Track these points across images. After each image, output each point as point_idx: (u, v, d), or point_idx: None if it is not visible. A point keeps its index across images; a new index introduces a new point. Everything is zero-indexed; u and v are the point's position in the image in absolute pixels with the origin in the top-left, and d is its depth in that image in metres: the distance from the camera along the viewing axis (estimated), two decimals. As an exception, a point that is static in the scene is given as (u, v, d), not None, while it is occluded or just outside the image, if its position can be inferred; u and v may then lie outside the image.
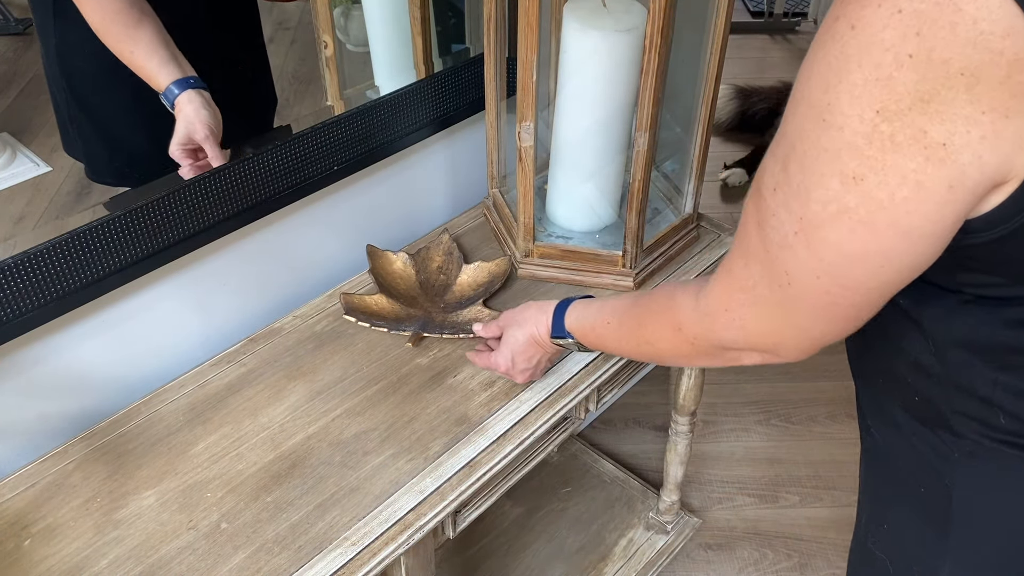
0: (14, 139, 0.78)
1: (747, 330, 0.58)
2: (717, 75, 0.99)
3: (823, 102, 0.46)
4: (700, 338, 0.63)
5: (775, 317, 0.56)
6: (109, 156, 0.84)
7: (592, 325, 0.79)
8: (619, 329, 0.74)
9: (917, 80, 0.42)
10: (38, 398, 0.88)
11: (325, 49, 1.00)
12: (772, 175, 0.51)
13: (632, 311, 0.72)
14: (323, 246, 1.09)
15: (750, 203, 0.55)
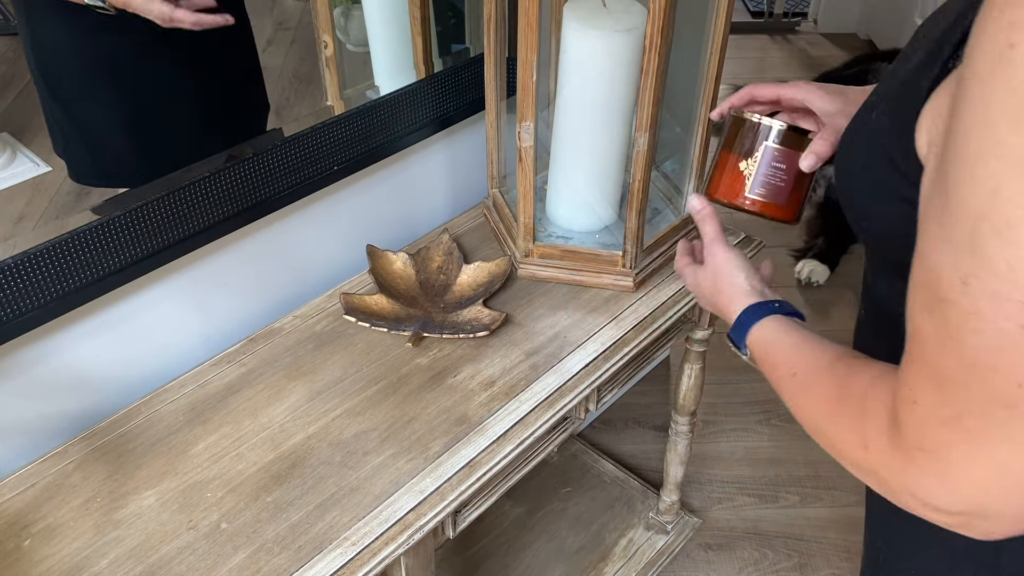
0: (14, 139, 0.78)
1: (950, 479, 0.43)
2: (717, 75, 0.99)
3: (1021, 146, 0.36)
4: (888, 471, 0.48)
5: (996, 451, 0.41)
6: (91, 158, 0.83)
7: (774, 362, 0.65)
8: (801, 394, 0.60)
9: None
10: (38, 398, 0.88)
11: (325, 49, 1.00)
12: (954, 267, 0.40)
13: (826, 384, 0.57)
14: (323, 246, 1.09)
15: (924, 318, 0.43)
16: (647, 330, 0.99)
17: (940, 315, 0.41)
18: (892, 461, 0.47)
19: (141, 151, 0.86)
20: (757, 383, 1.90)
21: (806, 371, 0.60)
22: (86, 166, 0.83)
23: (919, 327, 0.44)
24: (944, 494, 0.44)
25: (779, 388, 0.64)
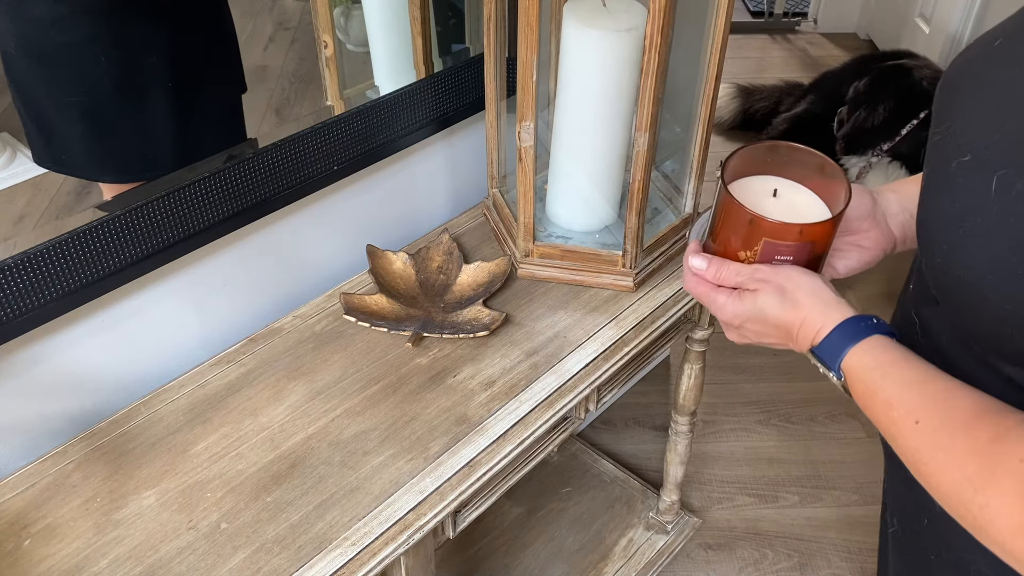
0: (14, 139, 0.78)
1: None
2: (717, 75, 0.99)
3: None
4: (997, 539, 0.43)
5: None
6: (45, 141, 0.82)
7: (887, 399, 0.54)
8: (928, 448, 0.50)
9: None
10: (38, 398, 0.88)
11: (325, 49, 1.00)
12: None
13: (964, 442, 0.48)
14: (323, 246, 1.09)
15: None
16: (647, 330, 0.99)
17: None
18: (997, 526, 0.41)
19: (87, 137, 0.84)
20: (757, 383, 1.90)
21: (935, 420, 0.50)
22: (41, 147, 0.80)
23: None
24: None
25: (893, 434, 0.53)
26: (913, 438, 0.50)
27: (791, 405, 1.84)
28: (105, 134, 0.83)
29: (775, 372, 1.92)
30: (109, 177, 0.85)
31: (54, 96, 0.80)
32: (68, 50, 0.79)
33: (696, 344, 1.24)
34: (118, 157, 0.86)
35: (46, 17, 0.78)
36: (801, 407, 1.83)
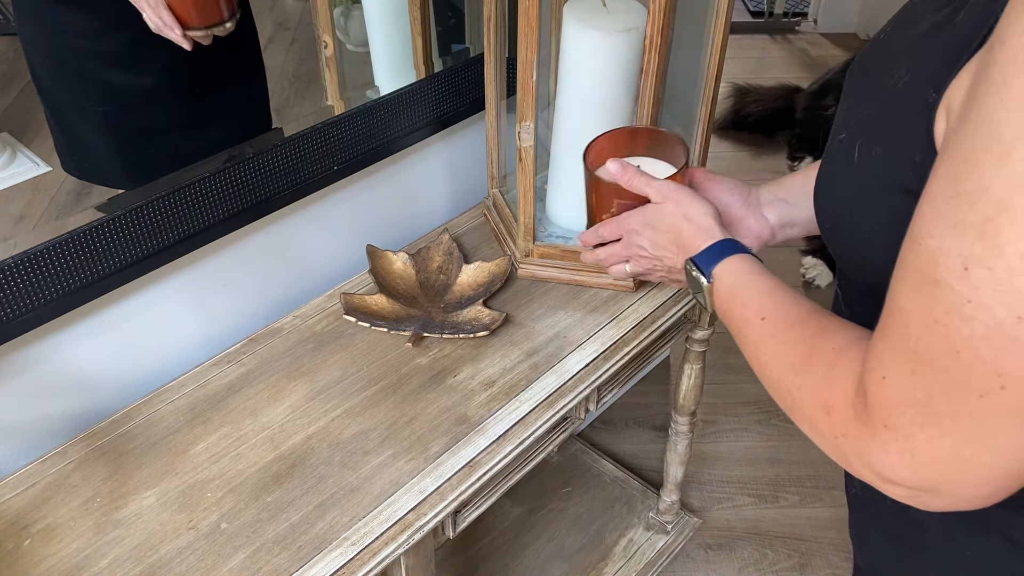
0: (14, 139, 0.78)
1: (913, 458, 0.44)
2: (717, 75, 0.99)
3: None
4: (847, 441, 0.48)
5: (961, 438, 0.42)
6: (69, 149, 0.83)
7: (745, 299, 0.63)
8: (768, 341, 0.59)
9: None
10: (38, 398, 0.88)
11: (325, 49, 1.00)
12: (957, 252, 0.39)
13: (795, 336, 0.57)
14: (323, 246, 1.09)
15: (909, 297, 0.42)
16: (647, 330, 0.99)
17: (930, 298, 0.41)
18: (853, 431, 0.47)
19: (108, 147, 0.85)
20: (757, 383, 1.90)
21: (777, 317, 0.59)
22: (65, 155, 0.82)
23: (902, 307, 0.43)
24: (904, 471, 0.44)
25: (743, 330, 0.62)
26: (757, 332, 0.60)
27: (791, 405, 1.84)
28: (129, 144, 0.83)
29: (775, 372, 1.92)
30: (131, 185, 0.86)
31: (81, 105, 0.81)
32: (97, 60, 0.80)
33: (696, 344, 1.24)
34: (142, 166, 0.87)
35: (78, 28, 0.78)
36: (801, 407, 1.83)
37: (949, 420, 0.41)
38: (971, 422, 0.41)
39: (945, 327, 0.40)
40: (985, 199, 0.38)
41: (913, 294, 0.42)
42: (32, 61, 0.78)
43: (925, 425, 0.42)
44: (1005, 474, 0.42)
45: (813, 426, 0.52)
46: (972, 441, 0.41)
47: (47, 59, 0.79)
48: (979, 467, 0.42)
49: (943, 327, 0.40)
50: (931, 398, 0.42)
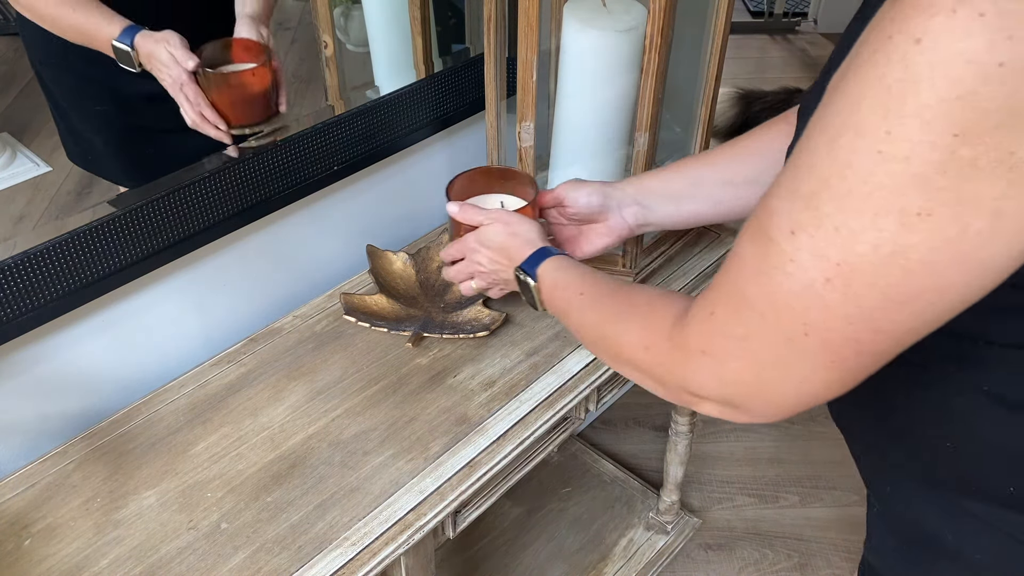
0: (14, 139, 0.78)
1: (724, 379, 0.52)
2: (717, 75, 0.99)
3: (879, 130, 0.40)
4: (665, 368, 0.57)
5: (766, 370, 0.49)
6: (73, 142, 0.84)
7: (565, 284, 0.73)
8: (588, 311, 0.68)
9: (1009, 93, 0.36)
10: (38, 398, 0.88)
11: (325, 49, 1.00)
12: (788, 215, 0.45)
13: (611, 300, 0.66)
14: (323, 246, 1.09)
15: (746, 247, 0.49)
16: (647, 330, 0.99)
17: (762, 249, 0.47)
18: (671, 359, 0.56)
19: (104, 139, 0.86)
20: (757, 383, 1.90)
21: (594, 291, 0.68)
22: (71, 146, 0.83)
23: (742, 253, 0.49)
24: (713, 389, 0.52)
25: (568, 310, 0.72)
26: (579, 306, 0.70)
27: (791, 405, 1.84)
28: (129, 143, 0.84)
29: (775, 372, 1.91)
30: (132, 183, 0.87)
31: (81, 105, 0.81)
32: (98, 63, 0.80)
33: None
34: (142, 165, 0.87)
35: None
36: (801, 407, 1.83)
37: (758, 355, 0.49)
38: (775, 358, 0.48)
39: (769, 278, 0.46)
40: (813, 175, 0.43)
41: (750, 244, 0.48)
42: (33, 59, 0.78)
43: (738, 356, 0.50)
44: (795, 400, 0.50)
45: (635, 365, 0.61)
46: (773, 372, 0.49)
47: (48, 59, 0.79)
48: (775, 393, 0.50)
49: (767, 278, 0.47)
50: (748, 336, 0.49)
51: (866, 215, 0.41)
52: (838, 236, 0.42)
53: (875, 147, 0.40)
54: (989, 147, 0.38)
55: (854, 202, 0.42)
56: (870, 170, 0.40)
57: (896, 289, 0.42)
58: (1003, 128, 0.37)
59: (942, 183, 0.39)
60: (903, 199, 0.40)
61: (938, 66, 0.37)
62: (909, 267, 0.41)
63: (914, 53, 0.38)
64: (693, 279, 1.06)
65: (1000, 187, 0.38)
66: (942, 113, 0.38)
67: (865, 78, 0.40)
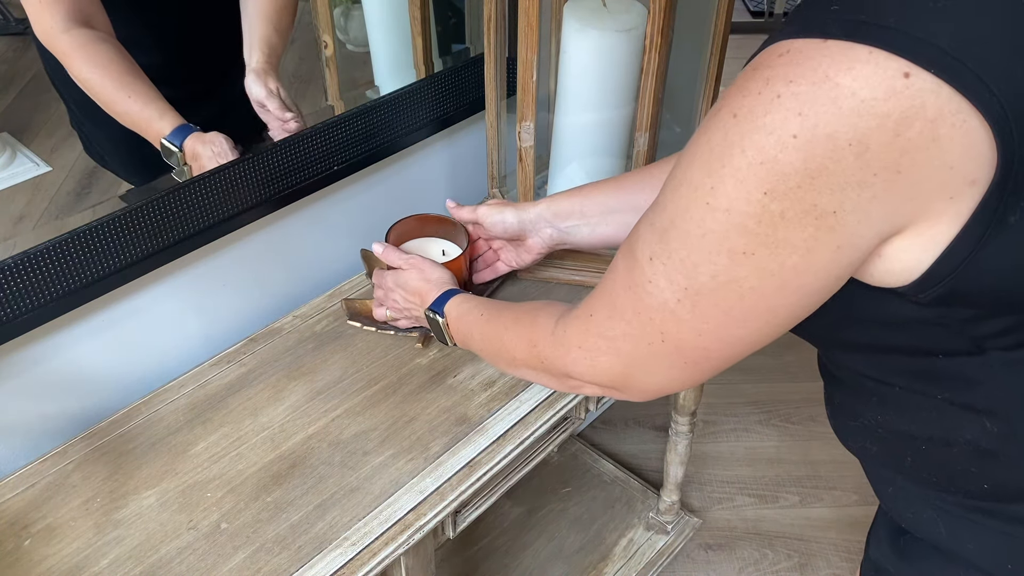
0: (14, 139, 0.78)
1: (597, 370, 0.61)
2: (717, 75, 0.99)
3: (706, 185, 0.47)
4: (549, 360, 0.66)
5: (632, 365, 0.58)
6: (88, 139, 0.84)
7: (466, 312, 0.82)
8: (485, 326, 0.78)
9: (804, 159, 0.43)
10: (38, 398, 0.88)
11: (325, 49, 1.00)
12: (648, 244, 0.53)
13: (502, 315, 0.76)
14: (323, 246, 1.09)
15: (620, 262, 0.56)
16: (647, 330, 0.99)
17: (629, 267, 0.55)
18: (553, 353, 0.65)
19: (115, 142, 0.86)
20: (757, 383, 1.90)
21: (491, 312, 0.78)
22: (87, 143, 0.85)
23: (617, 266, 0.57)
24: (590, 377, 0.62)
25: (471, 334, 0.81)
26: (479, 327, 0.79)
27: (791, 405, 1.84)
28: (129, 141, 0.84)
29: (775, 372, 1.92)
30: (133, 180, 0.87)
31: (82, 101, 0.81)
32: None
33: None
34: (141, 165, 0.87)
35: None
36: (801, 407, 1.84)
37: (625, 353, 0.58)
38: (639, 358, 0.58)
39: (634, 293, 0.55)
40: (664, 214, 0.51)
41: (622, 260, 0.56)
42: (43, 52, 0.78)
43: (608, 353, 0.59)
44: (658, 389, 0.60)
45: (526, 363, 0.71)
46: (638, 368, 0.59)
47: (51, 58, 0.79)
48: (641, 383, 0.59)
49: (633, 293, 0.55)
50: (616, 338, 0.58)
51: (703, 252, 0.49)
52: (683, 266, 0.51)
53: (704, 199, 0.48)
54: (793, 201, 0.44)
55: (693, 241, 0.49)
56: (702, 217, 0.48)
57: (735, 310, 0.50)
58: (803, 187, 0.44)
59: (758, 230, 0.46)
60: (729, 241, 0.47)
61: (746, 136, 0.45)
62: (742, 293, 0.49)
63: (731, 125, 0.45)
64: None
65: (808, 231, 0.45)
66: (752, 175, 0.45)
67: (698, 141, 0.48)
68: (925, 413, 0.58)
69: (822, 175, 0.43)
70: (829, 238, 0.45)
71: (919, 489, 0.63)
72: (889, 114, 0.41)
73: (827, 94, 0.42)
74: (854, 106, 0.41)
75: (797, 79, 0.43)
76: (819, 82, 0.42)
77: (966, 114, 0.41)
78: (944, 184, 0.43)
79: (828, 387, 0.68)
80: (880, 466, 0.67)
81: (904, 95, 0.41)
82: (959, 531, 0.61)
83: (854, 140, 0.42)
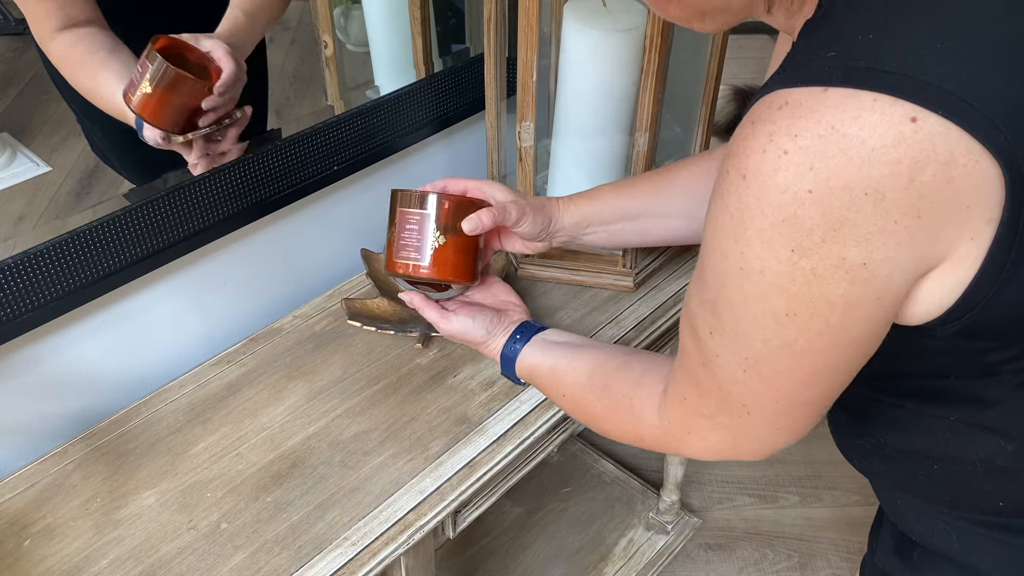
0: (14, 139, 0.78)
1: (712, 447, 0.61)
2: (717, 75, 0.99)
3: (736, 251, 0.47)
4: (663, 446, 0.66)
5: (737, 434, 0.58)
6: (89, 135, 0.84)
7: (544, 387, 0.80)
8: (575, 409, 0.75)
9: (823, 212, 0.43)
10: (38, 398, 0.88)
11: (325, 49, 1.00)
12: (705, 319, 0.53)
13: (592, 395, 0.72)
14: (323, 246, 1.09)
15: (689, 342, 0.56)
16: (647, 330, 0.99)
17: (697, 346, 0.55)
18: (665, 443, 0.64)
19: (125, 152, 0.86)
20: (757, 383, 1.90)
21: (571, 391, 0.75)
22: (88, 137, 0.85)
23: (686, 347, 0.57)
24: (707, 455, 0.61)
25: (557, 404, 0.79)
26: (565, 406, 0.77)
27: (791, 405, 1.84)
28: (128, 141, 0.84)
29: (775, 372, 1.91)
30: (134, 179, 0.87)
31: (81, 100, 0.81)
32: None
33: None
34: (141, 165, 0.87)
35: None
36: (801, 407, 1.83)
37: (726, 428, 0.58)
38: (739, 429, 0.57)
39: (708, 370, 0.55)
40: (707, 286, 0.51)
41: (689, 340, 0.56)
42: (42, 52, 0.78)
43: (715, 430, 0.58)
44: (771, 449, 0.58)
45: (632, 444, 0.69)
46: (743, 438, 0.58)
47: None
48: (751, 449, 0.59)
49: (707, 369, 0.55)
50: (715, 415, 0.57)
51: (749, 318, 0.49)
52: (736, 336, 0.51)
53: (737, 265, 0.47)
54: (822, 257, 0.44)
55: (738, 309, 0.49)
56: (740, 283, 0.48)
57: (796, 373, 0.50)
58: (828, 241, 0.43)
59: (795, 289, 0.46)
60: (770, 304, 0.47)
61: (762, 196, 0.44)
62: (797, 355, 0.49)
63: (742, 187, 0.45)
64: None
65: (843, 286, 0.45)
66: (776, 234, 0.44)
67: (716, 207, 0.48)
68: (937, 433, 0.58)
69: (844, 227, 0.43)
70: (866, 291, 0.45)
71: (930, 506, 0.63)
72: (900, 160, 0.41)
73: (835, 145, 0.41)
74: (864, 155, 0.41)
75: (802, 133, 0.42)
76: (825, 134, 0.41)
77: (977, 154, 0.41)
78: (963, 224, 0.43)
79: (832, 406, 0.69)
80: (889, 484, 0.67)
81: (913, 140, 0.40)
82: (973, 544, 0.61)
83: (870, 189, 0.41)
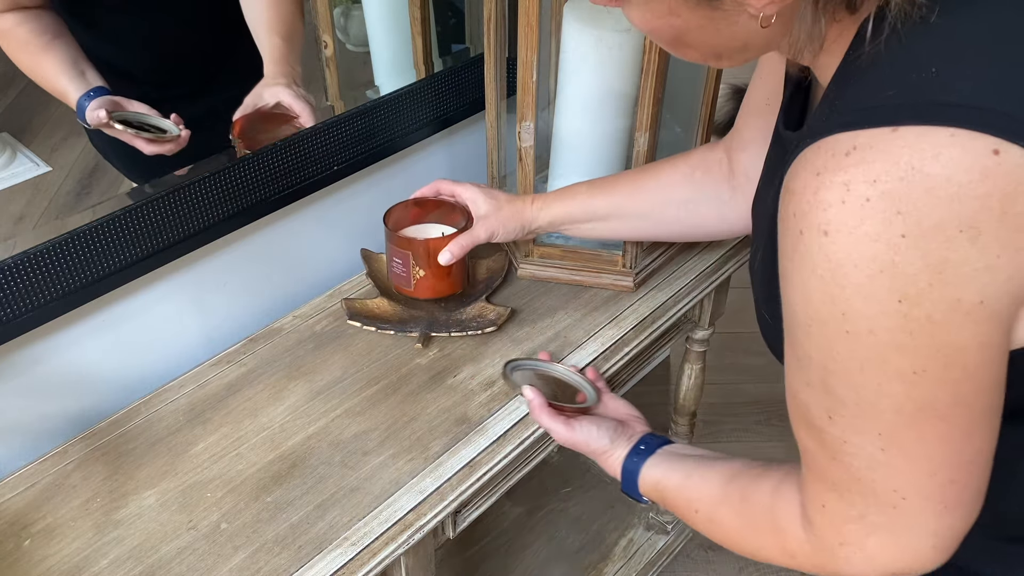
0: (14, 139, 0.78)
1: (876, 560, 0.52)
2: (717, 75, 0.99)
3: (836, 314, 0.43)
4: (817, 567, 0.57)
5: (901, 532, 0.49)
6: (90, 132, 0.84)
7: (673, 504, 0.72)
8: (710, 527, 0.67)
9: (922, 255, 0.40)
10: (38, 398, 0.88)
11: (325, 49, 1.00)
12: (818, 405, 0.48)
13: (728, 510, 0.65)
14: (323, 246, 1.09)
15: (807, 437, 0.51)
16: (647, 330, 0.99)
17: (819, 439, 0.49)
18: (819, 558, 0.55)
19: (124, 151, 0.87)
20: (757, 383, 1.90)
21: (705, 507, 0.67)
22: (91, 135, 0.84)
23: (805, 444, 0.52)
24: (872, 569, 0.52)
25: (688, 523, 0.70)
26: (698, 524, 0.68)
27: (791, 405, 1.84)
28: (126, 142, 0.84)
29: (775, 372, 1.90)
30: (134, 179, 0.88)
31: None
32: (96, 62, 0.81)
33: (696, 344, 1.24)
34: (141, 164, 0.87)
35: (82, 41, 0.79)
36: (801, 407, 1.83)
37: (882, 525, 0.50)
38: (896, 523, 0.49)
39: (840, 463, 0.49)
40: (812, 365, 0.46)
41: (808, 439, 0.51)
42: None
43: (870, 534, 0.50)
44: (946, 543, 0.49)
45: (788, 566, 0.60)
46: (905, 533, 0.49)
47: None
48: (920, 546, 0.50)
49: (839, 463, 0.49)
50: (863, 513, 0.50)
51: (871, 387, 0.44)
52: (861, 411, 0.45)
53: (841, 329, 0.43)
54: (935, 302, 0.40)
55: (856, 378, 0.44)
56: (850, 349, 0.43)
57: (948, 434, 0.44)
58: (935, 284, 0.40)
59: (915, 343, 0.42)
60: (891, 364, 0.43)
61: (852, 250, 0.41)
62: (942, 413, 0.43)
63: (827, 244, 0.42)
64: (693, 279, 1.06)
65: (969, 329, 0.41)
66: (877, 287, 0.41)
67: (800, 273, 0.44)
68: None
69: (948, 267, 0.40)
70: (993, 328, 0.42)
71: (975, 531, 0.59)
72: (990, 194, 0.39)
73: (920, 185, 0.39)
74: (952, 192, 0.39)
75: (881, 177, 0.40)
76: (906, 175, 0.39)
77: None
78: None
79: None
80: None
81: (999, 172, 0.39)
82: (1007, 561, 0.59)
83: (964, 226, 0.39)
